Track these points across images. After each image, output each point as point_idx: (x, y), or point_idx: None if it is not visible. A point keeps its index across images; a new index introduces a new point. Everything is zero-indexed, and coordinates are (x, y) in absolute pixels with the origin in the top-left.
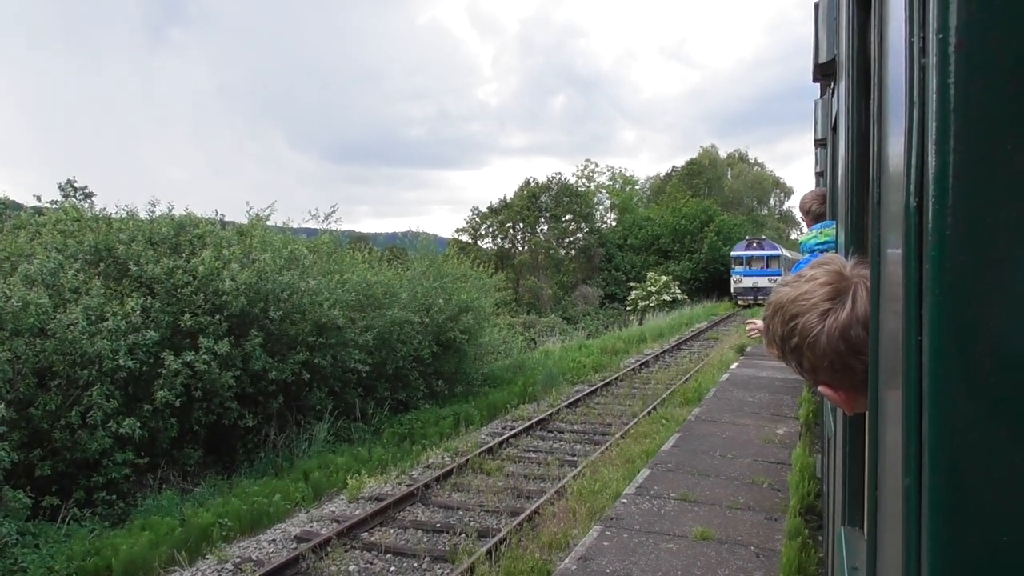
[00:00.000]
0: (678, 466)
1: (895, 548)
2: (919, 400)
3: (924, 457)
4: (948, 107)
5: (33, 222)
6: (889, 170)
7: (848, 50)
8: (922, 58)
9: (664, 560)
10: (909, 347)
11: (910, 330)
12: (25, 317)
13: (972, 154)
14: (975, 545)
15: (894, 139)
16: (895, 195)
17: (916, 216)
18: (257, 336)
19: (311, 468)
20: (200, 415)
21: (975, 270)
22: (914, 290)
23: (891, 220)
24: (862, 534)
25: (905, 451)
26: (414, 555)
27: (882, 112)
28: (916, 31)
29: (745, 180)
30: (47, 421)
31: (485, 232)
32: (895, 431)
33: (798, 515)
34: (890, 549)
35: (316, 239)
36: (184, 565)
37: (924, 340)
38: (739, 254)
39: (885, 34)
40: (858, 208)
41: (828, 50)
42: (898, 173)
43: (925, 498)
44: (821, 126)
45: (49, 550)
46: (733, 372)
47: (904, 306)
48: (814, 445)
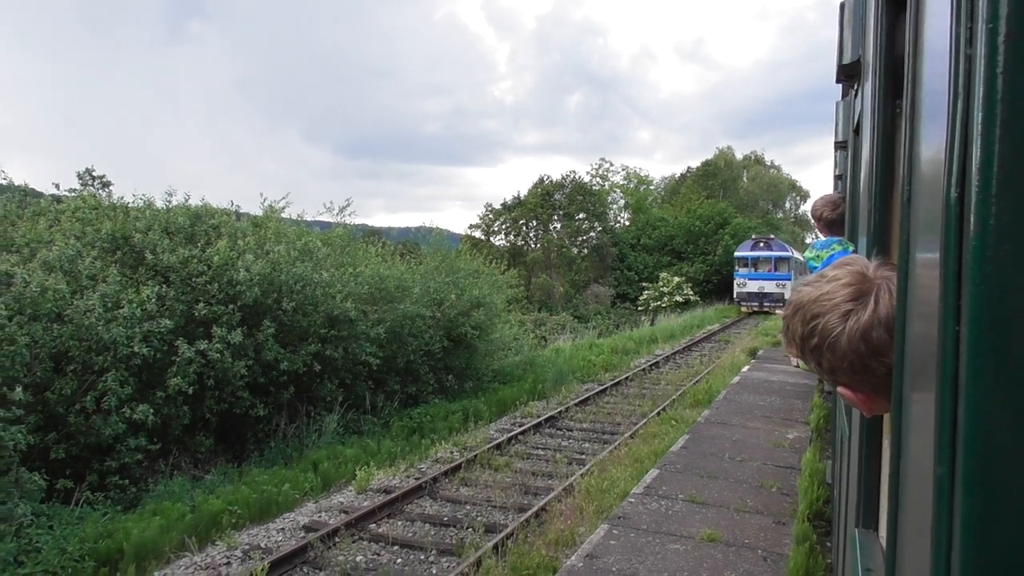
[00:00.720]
0: (687, 467)
1: (916, 546)
2: (954, 390)
3: (959, 447)
4: (995, 97)
5: (52, 210)
6: (923, 165)
7: (876, 49)
8: (968, 48)
9: (671, 560)
10: (946, 338)
11: (947, 321)
12: (43, 302)
13: (1018, 144)
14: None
15: (930, 134)
16: (930, 190)
17: (957, 207)
18: (270, 327)
19: (320, 459)
20: (212, 403)
21: (1016, 260)
22: (952, 281)
23: (925, 215)
24: (877, 536)
25: (938, 441)
26: (421, 548)
27: (915, 108)
28: (963, 22)
29: (761, 183)
30: (62, 405)
31: (498, 229)
32: (921, 427)
33: (807, 520)
34: (910, 547)
35: (330, 232)
36: (194, 550)
37: (963, 330)
38: (744, 255)
39: (921, 30)
40: (882, 208)
41: (853, 51)
42: (934, 168)
43: (959, 487)
44: (842, 128)
45: (63, 532)
46: (744, 375)
47: (941, 296)
48: (824, 451)
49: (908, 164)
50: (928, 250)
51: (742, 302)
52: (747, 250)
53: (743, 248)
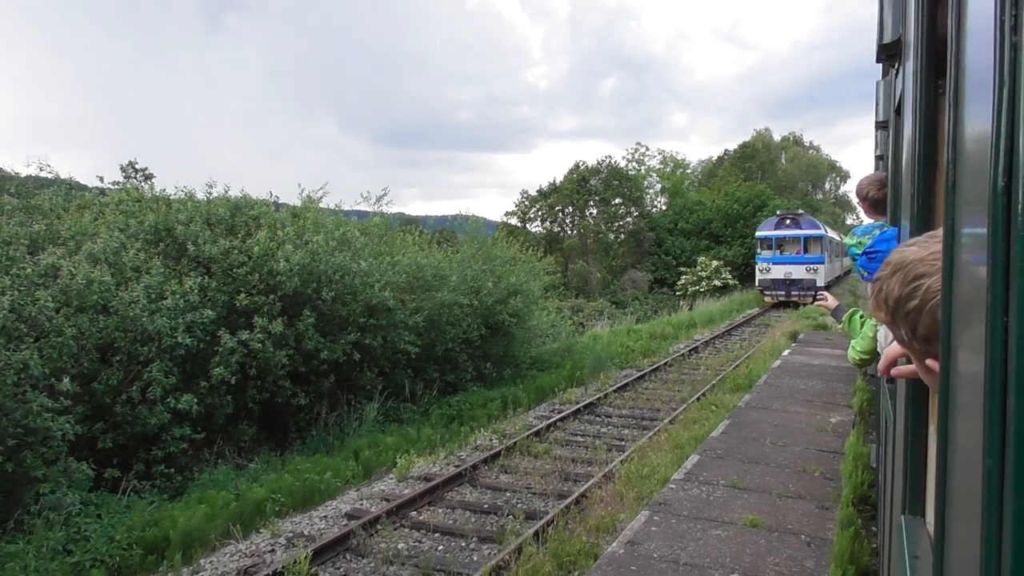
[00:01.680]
0: (727, 453)
1: (964, 535)
2: (1003, 382)
3: (1008, 439)
4: None
5: (97, 202)
6: (967, 152)
7: (917, 30)
8: (1014, 36)
9: (712, 546)
10: (994, 328)
11: (995, 311)
12: (89, 294)
13: None
14: None
15: (974, 120)
16: (976, 177)
17: (1004, 197)
18: (310, 316)
19: (361, 447)
20: (254, 393)
21: None
22: (1000, 272)
23: (970, 202)
24: (924, 523)
25: (987, 432)
26: (462, 535)
27: (959, 93)
28: (1008, 9)
29: (800, 164)
30: (109, 395)
31: (534, 216)
32: (969, 417)
33: (851, 505)
34: (959, 536)
35: (367, 221)
36: (239, 538)
37: (1011, 321)
38: (767, 234)
39: (963, 14)
40: (925, 191)
41: (893, 30)
42: (979, 154)
43: (1009, 479)
44: (883, 108)
45: (110, 520)
46: (785, 359)
47: (988, 287)
48: (868, 434)
49: (952, 148)
50: (975, 238)
51: (765, 290)
52: (770, 229)
53: (766, 226)
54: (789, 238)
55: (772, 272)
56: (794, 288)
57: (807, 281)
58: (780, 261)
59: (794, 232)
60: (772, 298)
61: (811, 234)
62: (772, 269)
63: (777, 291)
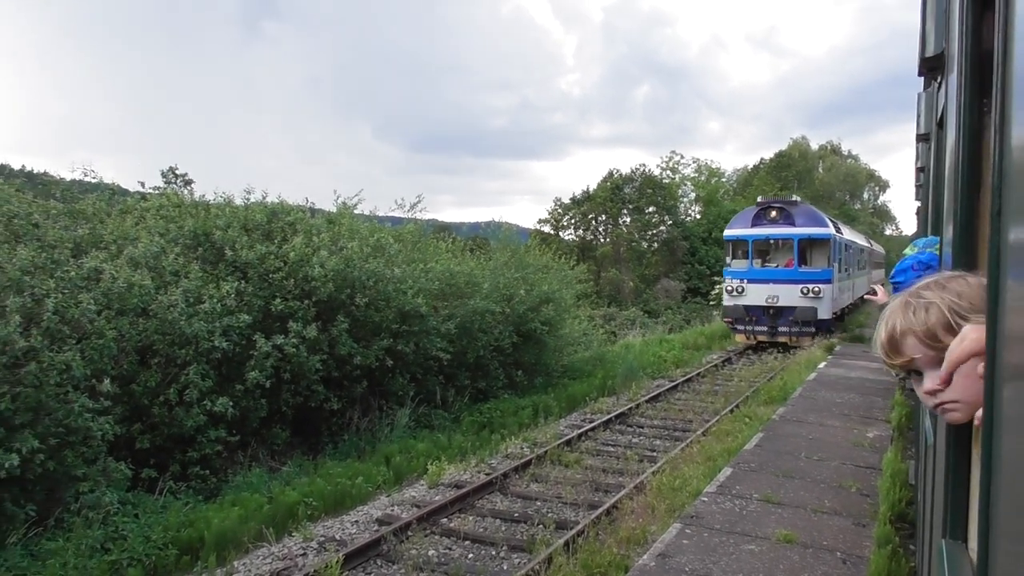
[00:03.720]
0: (761, 466)
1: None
2: None
3: None
4: None
5: (138, 207)
6: (1014, 174)
7: (961, 44)
8: None
9: (745, 561)
10: None
11: None
12: (129, 297)
13: None
14: None
15: (1022, 140)
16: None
17: None
18: (344, 322)
19: (393, 452)
20: (288, 397)
21: None
22: None
23: (1018, 232)
24: (966, 548)
25: None
26: (492, 543)
27: (1005, 113)
28: None
29: (837, 173)
30: (147, 397)
31: (567, 223)
32: (1015, 438)
33: (888, 522)
34: (1003, 564)
35: (401, 228)
36: (271, 541)
37: None
38: (740, 234)
39: (1011, 30)
40: (968, 210)
41: (936, 43)
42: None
43: None
44: (924, 120)
45: (147, 520)
46: (821, 371)
47: None
48: (907, 450)
49: (998, 172)
50: (1020, 263)
51: (736, 323)
52: (745, 225)
53: (739, 221)
54: (776, 240)
55: (747, 295)
56: (782, 321)
57: (803, 311)
58: (760, 277)
59: (784, 231)
60: (748, 336)
61: (811, 234)
62: (748, 290)
63: (756, 326)
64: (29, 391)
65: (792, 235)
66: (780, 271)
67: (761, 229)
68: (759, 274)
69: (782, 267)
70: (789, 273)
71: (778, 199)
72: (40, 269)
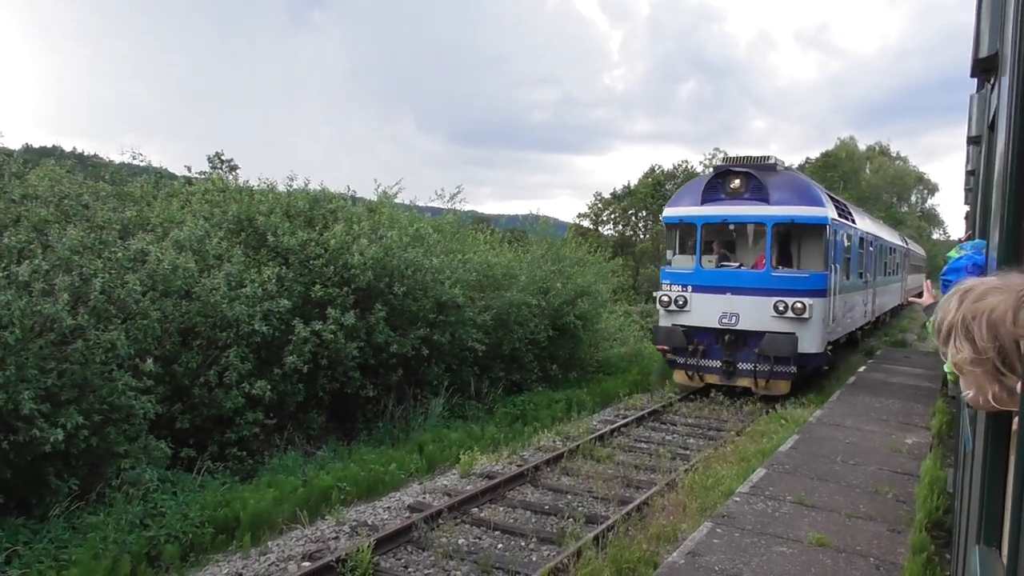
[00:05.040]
0: (796, 468)
1: None
2: None
3: None
4: None
5: (184, 191)
6: None
7: (1015, 45)
8: None
9: (776, 563)
10: None
11: None
12: (174, 280)
13: None
14: None
15: None
16: None
17: None
18: (381, 310)
19: (426, 441)
20: (325, 382)
21: None
22: None
23: None
24: (999, 554)
25: None
26: (522, 535)
27: None
28: None
29: (885, 175)
30: (188, 378)
31: (607, 218)
32: None
33: (924, 530)
34: None
35: (440, 218)
36: (305, 523)
37: None
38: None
39: None
40: (1015, 214)
41: (990, 44)
42: None
43: None
44: (976, 123)
45: (185, 498)
46: (860, 375)
47: None
48: (946, 458)
49: None
50: None
51: (675, 352)
52: (692, 201)
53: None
54: (739, 225)
55: (692, 310)
56: (744, 354)
57: (774, 341)
58: (712, 284)
59: (751, 211)
60: (690, 375)
61: (795, 216)
62: (693, 303)
63: (703, 359)
64: (75, 368)
65: (764, 217)
66: (744, 275)
67: (717, 208)
68: (710, 278)
69: (748, 268)
70: (757, 278)
71: (744, 162)
72: (88, 249)
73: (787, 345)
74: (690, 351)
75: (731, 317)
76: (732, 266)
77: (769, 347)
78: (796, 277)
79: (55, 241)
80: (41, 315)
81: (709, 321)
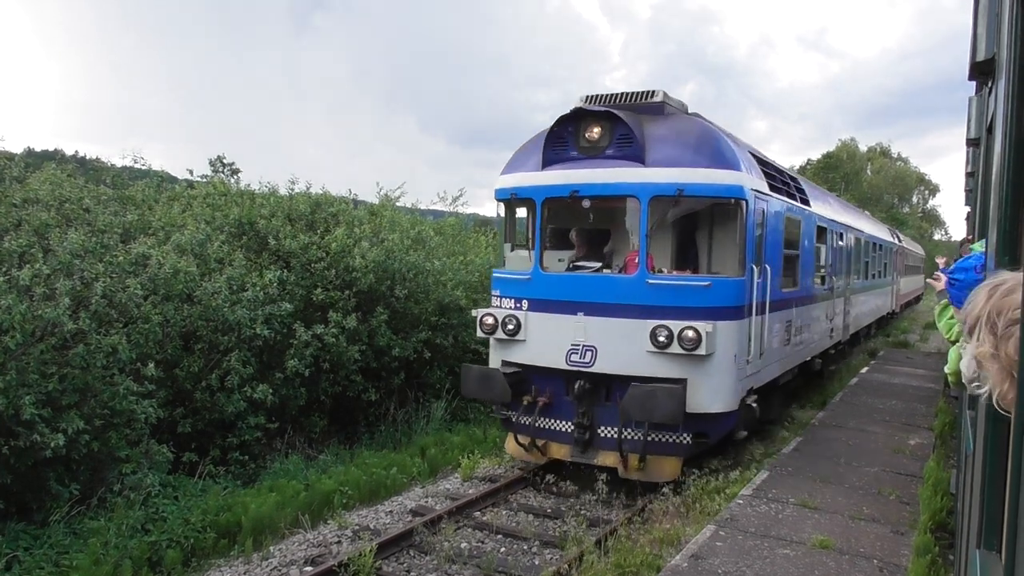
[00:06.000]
0: (798, 470)
1: None
2: None
3: None
4: None
5: (185, 195)
6: None
7: (1011, 49)
8: None
9: (779, 566)
10: None
11: None
12: (175, 283)
13: None
14: None
15: None
16: None
17: None
18: (383, 313)
19: (428, 444)
20: (327, 386)
21: None
22: None
23: None
24: (999, 558)
25: None
26: (524, 538)
27: None
28: None
29: (886, 175)
30: (190, 382)
31: None
32: None
33: (928, 531)
34: None
35: (442, 221)
36: (307, 528)
37: None
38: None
39: None
40: (1012, 217)
41: (987, 48)
42: None
43: None
44: (975, 125)
45: (186, 503)
46: (863, 376)
47: None
48: (949, 459)
49: None
50: None
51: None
52: (532, 165)
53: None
54: (599, 197)
55: (528, 339)
56: (606, 414)
57: (650, 397)
58: (556, 298)
59: (617, 176)
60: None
61: (684, 185)
62: (529, 327)
63: (544, 417)
64: (76, 372)
65: (634, 187)
66: (603, 283)
67: (565, 172)
68: (554, 288)
69: (616, 272)
70: (624, 288)
71: (609, 101)
72: (90, 253)
73: (666, 403)
74: (524, 404)
75: (584, 352)
76: (589, 268)
77: (634, 406)
78: (687, 287)
79: (56, 245)
80: (42, 319)
81: (552, 358)
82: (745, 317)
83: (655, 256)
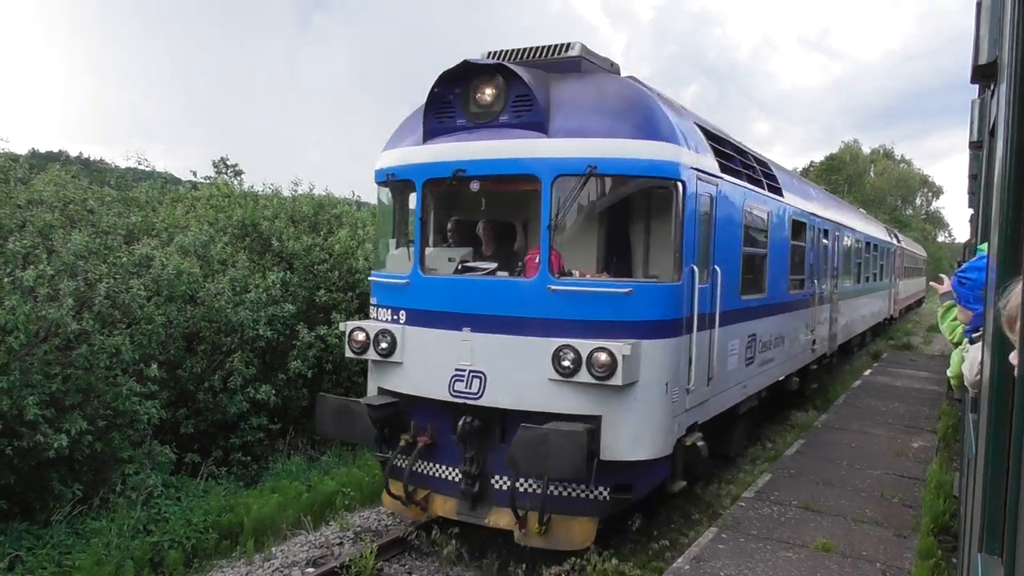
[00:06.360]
0: (801, 473)
1: None
2: None
3: None
4: None
5: (189, 196)
6: None
7: (1013, 53)
8: None
9: (781, 569)
10: None
11: None
12: (178, 285)
13: None
14: None
15: None
16: None
17: None
18: None
19: None
20: (329, 387)
21: None
22: None
23: None
24: (1001, 562)
25: None
26: None
27: None
28: None
29: (889, 178)
30: (193, 383)
31: None
32: None
33: (931, 535)
34: None
35: None
36: (309, 529)
37: None
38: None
39: None
40: (1014, 221)
41: (990, 51)
42: None
43: None
44: (977, 128)
45: (188, 503)
46: (865, 379)
47: None
48: (952, 462)
49: None
50: None
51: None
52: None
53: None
54: (490, 176)
55: (404, 361)
56: (499, 458)
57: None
58: (438, 307)
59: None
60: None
61: (598, 161)
62: (405, 344)
63: (429, 464)
64: (79, 373)
65: (533, 163)
66: (495, 289)
67: (450, 145)
68: (437, 295)
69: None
70: (520, 296)
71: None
72: (93, 254)
73: (564, 451)
74: (402, 447)
75: (471, 380)
76: (480, 271)
77: (522, 455)
78: (602, 294)
79: (60, 246)
80: (46, 320)
81: (432, 387)
82: (683, 333)
83: (578, 258)
